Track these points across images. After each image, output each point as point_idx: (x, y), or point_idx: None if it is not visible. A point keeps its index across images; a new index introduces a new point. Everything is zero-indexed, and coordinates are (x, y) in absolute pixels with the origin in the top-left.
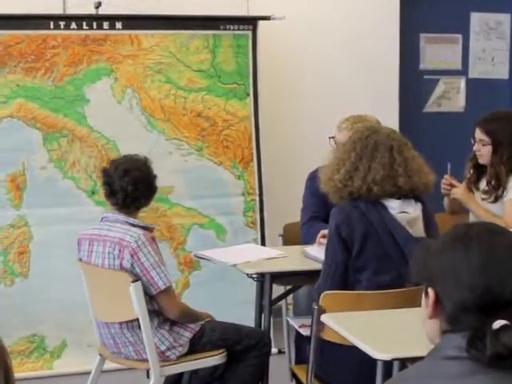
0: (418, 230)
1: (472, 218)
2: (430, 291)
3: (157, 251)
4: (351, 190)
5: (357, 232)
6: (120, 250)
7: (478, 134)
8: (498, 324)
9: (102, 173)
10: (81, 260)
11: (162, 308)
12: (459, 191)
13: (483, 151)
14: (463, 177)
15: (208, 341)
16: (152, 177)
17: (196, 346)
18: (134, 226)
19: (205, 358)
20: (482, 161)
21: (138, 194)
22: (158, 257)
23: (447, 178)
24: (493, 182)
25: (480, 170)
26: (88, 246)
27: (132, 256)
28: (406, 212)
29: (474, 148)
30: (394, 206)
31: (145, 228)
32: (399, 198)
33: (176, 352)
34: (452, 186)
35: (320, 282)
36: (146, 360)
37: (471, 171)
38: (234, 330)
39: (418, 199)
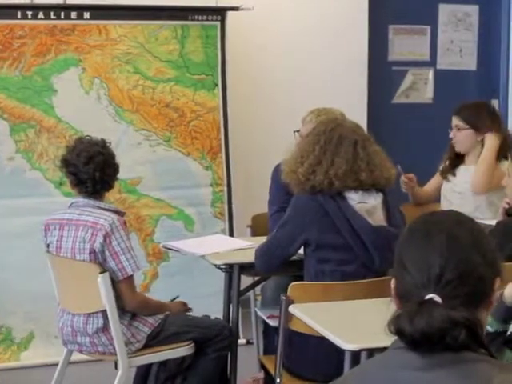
0: (378, 219)
1: (443, 206)
2: (392, 279)
3: (128, 236)
4: (313, 183)
5: (312, 226)
6: (92, 234)
7: (454, 120)
8: (428, 297)
9: (63, 163)
10: (49, 245)
11: (122, 296)
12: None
13: (459, 137)
14: (436, 169)
15: (166, 335)
16: (114, 157)
17: (153, 341)
18: (106, 210)
19: (173, 349)
20: (458, 148)
21: (106, 178)
22: (128, 242)
23: (405, 176)
24: None
25: (457, 160)
26: (58, 231)
27: (105, 239)
28: (365, 202)
29: (450, 135)
30: (353, 197)
31: (117, 212)
32: (361, 190)
33: (132, 348)
34: (410, 180)
35: (262, 248)
36: (98, 352)
37: (447, 162)
38: (193, 323)
39: (379, 190)
